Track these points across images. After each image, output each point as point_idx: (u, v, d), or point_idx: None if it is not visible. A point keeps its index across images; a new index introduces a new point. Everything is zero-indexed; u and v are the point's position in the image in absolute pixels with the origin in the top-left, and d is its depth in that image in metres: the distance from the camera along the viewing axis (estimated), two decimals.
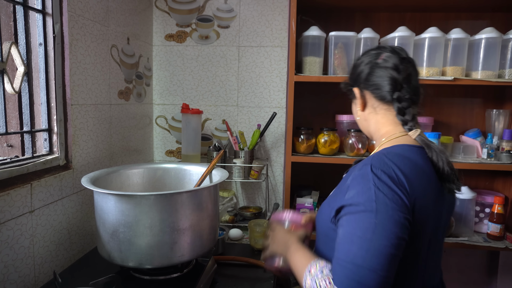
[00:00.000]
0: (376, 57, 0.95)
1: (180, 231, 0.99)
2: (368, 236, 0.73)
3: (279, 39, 1.81)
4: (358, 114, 1.02)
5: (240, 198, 1.92)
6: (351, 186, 0.81)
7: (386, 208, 0.74)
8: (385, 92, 0.93)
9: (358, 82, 0.98)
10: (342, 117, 1.74)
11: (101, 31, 1.37)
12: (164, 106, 1.92)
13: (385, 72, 0.92)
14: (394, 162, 0.81)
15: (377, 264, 0.71)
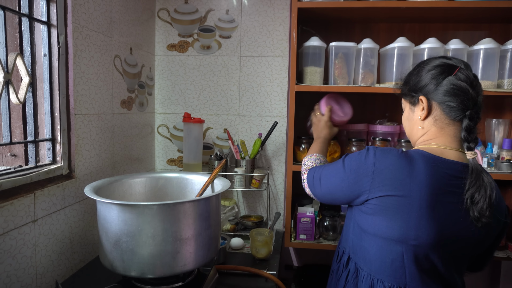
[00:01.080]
0: (450, 70, 0.95)
1: (182, 240, 1.00)
2: (330, 168, 1.08)
3: (280, 49, 1.83)
4: (415, 120, 1.03)
5: (241, 207, 1.92)
6: None
7: (349, 164, 1.00)
8: (457, 111, 0.93)
9: (426, 92, 0.97)
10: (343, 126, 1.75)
11: (105, 41, 1.39)
12: (165, 115, 1.93)
13: (460, 90, 0.93)
14: (395, 150, 0.95)
15: (324, 178, 1.09)
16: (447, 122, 0.96)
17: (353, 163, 0.98)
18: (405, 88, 1.06)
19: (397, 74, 1.59)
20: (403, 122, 1.10)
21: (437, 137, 0.98)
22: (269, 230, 1.55)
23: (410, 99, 1.03)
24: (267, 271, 1.36)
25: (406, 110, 1.07)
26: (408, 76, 1.05)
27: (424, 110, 0.98)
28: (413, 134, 1.04)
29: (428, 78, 0.97)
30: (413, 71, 1.04)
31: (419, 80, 1.00)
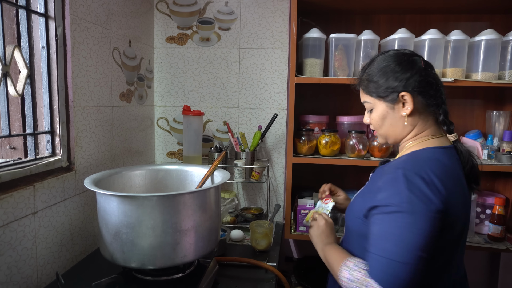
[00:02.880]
0: (416, 60, 0.96)
1: (182, 232, 1.00)
2: (401, 233, 0.81)
3: (280, 41, 1.82)
4: (397, 118, 0.97)
5: (241, 199, 1.93)
6: (383, 188, 0.88)
7: (418, 209, 0.81)
8: (436, 98, 0.95)
9: (406, 87, 0.94)
10: (342, 119, 1.75)
11: (103, 34, 1.38)
12: (165, 108, 1.93)
13: (433, 78, 0.96)
14: (427, 165, 0.87)
15: (409, 259, 0.79)
16: (429, 112, 0.97)
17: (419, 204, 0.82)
18: (377, 89, 0.97)
19: None
20: (375, 122, 1.01)
21: (426, 129, 0.97)
22: (269, 222, 1.55)
23: (387, 98, 0.96)
24: (267, 263, 1.37)
25: (380, 110, 0.99)
26: (377, 76, 0.97)
27: (409, 106, 0.94)
28: (398, 133, 0.99)
29: (403, 73, 0.94)
30: (378, 70, 0.98)
31: (395, 77, 0.95)
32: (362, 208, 0.94)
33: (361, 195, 1.02)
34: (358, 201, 1.00)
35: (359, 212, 0.95)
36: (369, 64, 1.02)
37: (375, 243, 0.84)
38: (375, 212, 0.87)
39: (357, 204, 0.99)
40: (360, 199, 1.00)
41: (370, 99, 1.01)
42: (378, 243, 0.84)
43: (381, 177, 0.93)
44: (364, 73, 1.02)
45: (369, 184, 1.03)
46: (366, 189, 1.02)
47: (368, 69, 1.01)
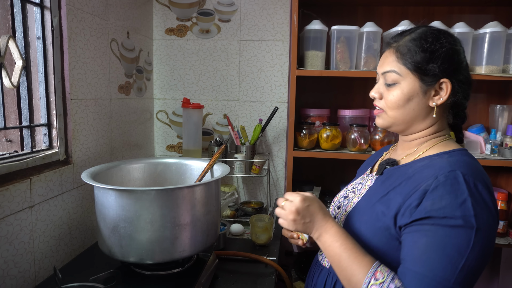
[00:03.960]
0: (462, 45, 0.83)
1: (181, 226, 0.99)
2: (462, 253, 0.66)
3: (281, 33, 1.79)
4: (424, 105, 0.81)
5: (242, 193, 1.91)
6: (435, 193, 0.70)
7: (486, 227, 0.68)
8: (467, 101, 0.83)
9: (454, 77, 0.80)
10: (344, 112, 1.73)
11: (101, 25, 1.35)
12: (164, 100, 1.91)
13: (471, 79, 0.84)
14: (482, 171, 0.74)
15: (466, 285, 0.66)
16: (451, 112, 0.85)
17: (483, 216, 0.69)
18: (420, 61, 0.79)
19: None
20: (397, 100, 0.82)
21: (443, 129, 0.85)
22: (269, 216, 1.54)
23: (425, 77, 0.79)
24: (267, 257, 1.36)
25: (410, 87, 0.80)
26: (426, 46, 0.79)
27: (443, 97, 0.80)
28: (416, 123, 0.84)
29: (457, 59, 0.80)
30: (432, 41, 0.79)
31: (447, 59, 0.79)
32: (383, 216, 0.78)
33: (370, 200, 0.84)
34: (369, 208, 0.83)
35: (380, 218, 0.78)
36: (415, 30, 0.83)
37: (419, 258, 0.68)
38: (426, 222, 0.70)
39: (377, 208, 0.81)
40: (370, 205, 0.83)
41: (401, 70, 0.81)
42: (424, 259, 0.68)
43: (411, 181, 0.76)
44: (406, 36, 0.83)
45: (380, 188, 0.84)
46: (377, 193, 0.84)
47: (413, 35, 0.81)
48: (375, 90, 0.87)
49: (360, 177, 1.01)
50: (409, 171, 0.80)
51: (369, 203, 0.84)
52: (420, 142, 0.86)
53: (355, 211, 0.87)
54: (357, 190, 0.94)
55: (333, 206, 1.02)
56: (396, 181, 0.81)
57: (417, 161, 0.82)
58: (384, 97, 0.85)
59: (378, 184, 0.87)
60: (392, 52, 0.83)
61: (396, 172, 0.84)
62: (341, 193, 1.03)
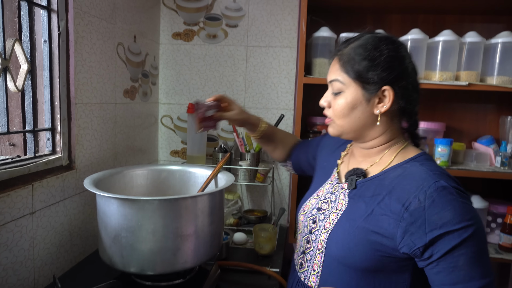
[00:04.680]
0: (412, 59, 0.83)
1: (183, 237, 0.96)
2: (485, 250, 0.72)
3: (288, 40, 1.77)
4: (368, 113, 0.82)
5: (245, 201, 1.89)
6: (435, 207, 0.71)
7: (480, 220, 0.73)
8: (416, 107, 0.84)
9: (395, 84, 0.79)
10: None
11: (108, 28, 1.34)
12: (170, 105, 1.89)
13: (418, 83, 0.84)
14: (449, 174, 0.78)
15: (491, 272, 0.72)
16: (400, 119, 0.85)
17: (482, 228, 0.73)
18: (361, 70, 0.79)
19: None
20: (341, 109, 0.82)
21: (398, 136, 0.86)
22: (273, 226, 1.51)
23: (367, 86, 0.80)
24: (270, 268, 1.33)
25: (353, 96, 0.81)
26: (365, 55, 0.79)
27: (386, 104, 0.80)
28: (363, 131, 0.84)
29: (397, 65, 0.79)
30: (370, 50, 0.79)
31: (386, 66, 0.78)
32: (377, 239, 0.76)
33: (353, 220, 0.81)
34: (355, 229, 0.79)
35: (371, 245, 0.77)
36: (359, 38, 0.83)
37: (468, 277, 0.69)
38: (449, 241, 0.69)
39: (359, 234, 0.79)
40: (355, 226, 0.80)
41: (344, 79, 0.81)
42: (473, 275, 0.69)
43: (394, 195, 0.76)
44: (349, 45, 0.83)
45: (361, 204, 0.82)
46: (359, 210, 0.81)
47: (357, 42, 0.82)
48: (324, 99, 0.88)
49: (329, 183, 0.96)
50: (385, 183, 0.80)
51: (353, 224, 0.81)
52: (379, 150, 0.86)
53: (338, 232, 0.83)
54: (331, 202, 0.90)
55: (304, 215, 0.96)
56: (376, 195, 0.80)
57: (389, 171, 0.82)
58: (331, 105, 0.86)
59: (355, 199, 0.84)
60: (337, 61, 0.84)
61: (370, 184, 0.83)
62: (311, 201, 0.97)
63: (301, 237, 0.96)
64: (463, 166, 1.54)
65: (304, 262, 0.92)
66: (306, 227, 0.94)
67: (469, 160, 1.60)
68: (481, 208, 1.56)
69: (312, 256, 0.89)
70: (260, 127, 1.15)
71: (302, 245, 0.94)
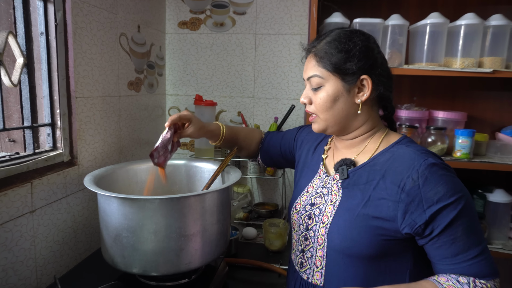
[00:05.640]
0: (375, 41, 0.88)
1: (187, 237, 0.92)
2: (476, 218, 0.76)
3: (299, 27, 1.69)
4: (350, 104, 0.84)
5: (256, 194, 1.84)
6: (429, 184, 0.73)
7: (466, 190, 0.76)
8: (391, 93, 0.88)
9: (372, 72, 0.83)
10: None
11: (109, 18, 1.29)
12: (177, 96, 1.84)
13: (390, 71, 0.89)
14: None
15: (484, 237, 0.77)
16: (378, 106, 0.90)
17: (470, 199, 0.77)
18: (337, 63, 0.82)
19: (428, 54, 1.44)
20: (323, 103, 0.84)
21: (378, 123, 0.90)
22: (283, 221, 1.46)
23: (346, 77, 0.82)
24: (281, 265, 1.28)
25: (334, 89, 0.83)
26: (340, 48, 0.82)
27: (366, 93, 0.83)
28: (347, 122, 0.86)
29: (370, 54, 0.83)
30: (345, 42, 0.83)
31: (361, 56, 0.82)
32: (378, 223, 0.77)
33: (351, 209, 0.81)
34: (355, 218, 0.80)
35: (373, 230, 0.77)
36: (329, 34, 0.87)
37: (467, 245, 0.73)
38: (447, 214, 0.72)
39: (360, 221, 0.79)
40: (355, 214, 0.80)
41: (323, 73, 0.84)
42: (470, 242, 0.73)
43: (388, 178, 0.78)
44: (322, 40, 0.86)
45: (356, 193, 0.82)
46: (355, 198, 0.82)
47: (329, 38, 0.85)
48: (304, 95, 0.90)
49: (317, 178, 0.96)
50: (377, 168, 0.81)
51: (353, 213, 0.81)
52: (362, 139, 0.88)
53: (339, 223, 0.83)
54: (323, 195, 0.90)
55: (297, 214, 0.95)
56: (370, 181, 0.81)
57: (378, 157, 0.83)
58: (313, 101, 0.87)
59: (349, 188, 0.85)
60: (312, 57, 0.87)
61: (362, 172, 0.84)
62: (302, 198, 0.96)
63: (298, 236, 0.94)
64: (486, 159, 1.45)
65: (305, 260, 0.90)
66: (302, 225, 0.92)
67: (492, 152, 1.51)
68: (504, 203, 1.47)
69: (312, 253, 0.88)
70: (222, 132, 1.12)
71: (299, 243, 0.93)
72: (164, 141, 1.01)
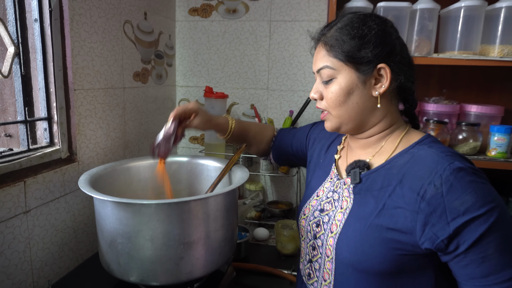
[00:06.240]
0: (399, 34, 0.77)
1: (187, 244, 0.84)
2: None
3: (317, 12, 1.56)
4: (367, 97, 0.74)
5: (269, 192, 1.74)
6: (454, 192, 0.62)
7: (500, 198, 0.65)
8: (414, 84, 0.77)
9: (390, 60, 0.72)
10: None
11: (112, 5, 1.20)
12: (187, 88, 1.75)
13: (411, 59, 0.78)
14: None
15: None
16: (399, 99, 0.79)
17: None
18: (350, 51, 0.72)
19: (461, 41, 1.29)
20: (336, 97, 0.74)
21: (398, 119, 0.79)
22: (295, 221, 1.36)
23: (361, 67, 0.72)
24: (293, 272, 1.19)
25: (348, 80, 0.73)
26: (353, 34, 0.72)
27: (385, 84, 0.73)
28: (364, 118, 0.75)
29: (387, 40, 0.73)
30: (357, 28, 0.73)
31: (377, 43, 0.71)
32: (394, 236, 0.67)
33: (364, 218, 0.71)
34: (367, 228, 0.70)
35: (387, 243, 0.68)
36: (340, 19, 0.76)
37: (500, 266, 0.61)
38: (476, 228, 0.61)
39: (373, 233, 0.69)
40: (367, 224, 0.70)
41: (334, 63, 0.73)
42: (505, 263, 0.61)
43: (406, 184, 0.67)
44: (333, 27, 0.76)
45: (369, 199, 0.72)
46: (368, 206, 0.71)
47: (340, 23, 0.75)
48: (314, 90, 0.80)
49: (329, 181, 0.86)
50: (393, 172, 0.71)
51: (365, 222, 0.71)
52: (379, 138, 0.78)
53: (348, 234, 0.73)
54: (334, 201, 0.80)
55: (305, 219, 0.86)
56: (385, 187, 0.71)
57: (395, 159, 0.73)
58: (324, 96, 0.77)
59: (362, 194, 0.75)
60: (322, 47, 0.76)
61: (377, 176, 0.74)
62: (312, 203, 0.87)
63: (306, 244, 0.85)
64: None
65: (313, 272, 0.82)
66: (310, 232, 0.83)
67: None
68: None
69: (320, 265, 0.79)
70: (230, 127, 1.05)
71: (307, 252, 0.84)
72: (166, 134, 0.94)
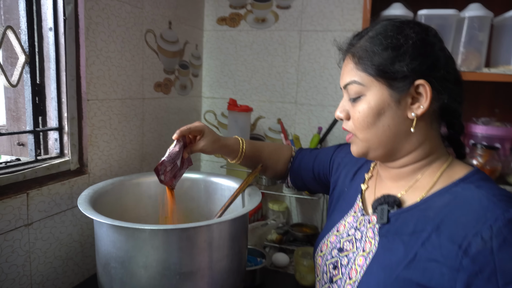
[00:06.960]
0: (443, 45, 0.65)
1: (184, 275, 0.75)
2: None
3: (351, 22, 1.45)
4: (401, 120, 0.62)
5: (294, 213, 1.63)
6: (507, 250, 0.51)
7: None
8: (461, 104, 0.65)
9: (430, 75, 0.61)
10: None
11: (133, 13, 1.17)
12: (213, 99, 1.70)
13: (459, 74, 0.66)
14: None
15: None
16: (440, 122, 0.67)
17: None
18: (382, 64, 0.61)
19: None
20: (364, 117, 0.63)
21: (440, 144, 0.67)
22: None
23: (394, 83, 0.61)
24: None
25: (378, 98, 0.62)
26: (385, 45, 0.62)
27: (424, 104, 0.61)
28: (397, 145, 0.64)
29: (427, 52, 0.61)
30: (390, 37, 0.62)
31: (414, 55, 0.60)
32: None
33: (390, 267, 0.60)
34: (394, 280, 0.59)
35: None
36: (375, 25, 0.66)
37: None
38: None
39: (399, 286, 0.58)
40: (394, 275, 0.59)
41: (362, 78, 0.63)
42: None
43: (443, 232, 0.56)
44: (364, 36, 0.66)
45: (398, 245, 0.61)
46: (397, 253, 0.60)
47: (372, 32, 0.65)
48: (340, 108, 0.70)
49: (352, 215, 0.75)
50: (429, 214, 0.59)
51: (390, 273, 0.59)
52: (415, 168, 0.66)
53: (370, 284, 0.62)
54: (356, 241, 0.70)
55: (321, 258, 0.76)
56: (418, 232, 0.59)
57: (433, 198, 0.61)
58: (351, 115, 0.67)
59: (389, 238, 0.63)
60: (350, 59, 0.67)
61: (409, 217, 0.62)
62: (330, 239, 0.76)
63: (320, 286, 0.74)
64: None
65: None
66: (326, 274, 0.72)
67: None
68: None
69: None
70: (242, 147, 0.93)
71: None
72: (171, 155, 0.87)
